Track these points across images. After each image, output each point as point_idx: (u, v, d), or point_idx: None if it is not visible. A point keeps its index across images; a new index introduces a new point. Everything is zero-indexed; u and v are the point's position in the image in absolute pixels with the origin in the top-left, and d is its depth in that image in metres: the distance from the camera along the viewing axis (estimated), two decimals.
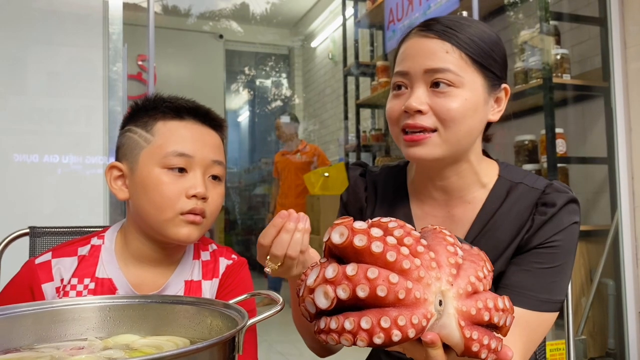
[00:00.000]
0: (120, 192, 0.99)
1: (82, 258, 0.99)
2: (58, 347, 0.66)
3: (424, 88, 0.90)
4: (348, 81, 5.12)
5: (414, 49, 0.92)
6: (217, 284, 1.06)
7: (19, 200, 2.17)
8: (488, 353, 0.59)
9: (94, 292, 0.96)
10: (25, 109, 2.21)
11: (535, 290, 0.89)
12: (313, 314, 0.59)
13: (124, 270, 0.99)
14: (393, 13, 3.79)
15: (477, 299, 0.60)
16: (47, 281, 0.96)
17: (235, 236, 8.45)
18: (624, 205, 2.63)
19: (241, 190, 8.78)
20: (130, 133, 0.99)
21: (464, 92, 0.90)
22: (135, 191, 0.97)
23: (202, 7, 7.16)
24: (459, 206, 0.99)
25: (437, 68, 0.89)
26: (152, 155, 0.95)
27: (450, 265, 0.61)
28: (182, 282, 1.02)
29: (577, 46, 2.97)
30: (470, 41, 0.91)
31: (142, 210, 0.96)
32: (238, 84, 8.93)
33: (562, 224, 0.92)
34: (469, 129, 0.91)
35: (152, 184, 0.94)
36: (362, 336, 0.56)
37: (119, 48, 2.16)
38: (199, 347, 0.50)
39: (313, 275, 0.60)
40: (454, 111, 0.89)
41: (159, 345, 0.68)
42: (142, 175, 0.95)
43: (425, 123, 0.89)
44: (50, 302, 0.71)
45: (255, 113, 9.33)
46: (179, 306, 0.71)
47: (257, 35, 7.52)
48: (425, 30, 0.92)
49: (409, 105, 0.90)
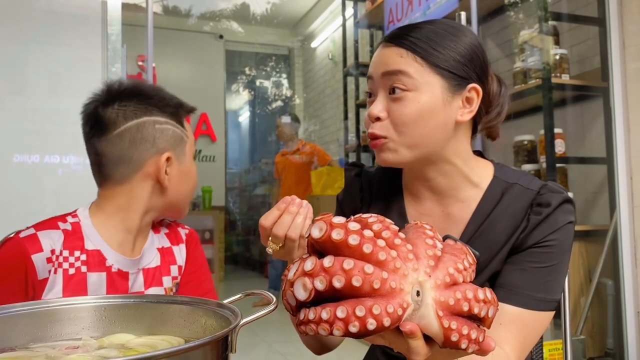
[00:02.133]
0: (165, 180, 1.09)
1: (67, 232, 1.02)
2: (53, 346, 0.67)
3: (384, 94, 0.94)
4: (348, 81, 5.13)
5: (377, 56, 0.97)
6: (185, 248, 1.20)
7: (19, 200, 2.17)
8: (469, 343, 0.60)
9: (86, 264, 1.01)
10: (26, 110, 2.21)
11: (531, 289, 0.90)
12: (294, 307, 0.61)
13: (108, 242, 1.06)
14: (393, 13, 3.79)
15: (456, 290, 0.61)
16: (37, 252, 0.96)
17: (235, 236, 8.46)
18: (622, 205, 2.63)
19: (241, 191, 8.79)
20: (170, 126, 1.09)
21: (419, 95, 0.92)
22: (177, 179, 1.11)
23: (203, 8, 7.17)
24: (453, 205, 1.00)
25: (390, 71, 0.93)
26: (191, 149, 1.14)
27: (429, 257, 0.62)
28: (154, 250, 1.14)
29: (576, 46, 2.97)
30: (427, 45, 0.92)
31: (181, 196, 1.13)
32: (238, 84, 8.94)
33: (557, 224, 0.93)
34: (425, 131, 0.92)
35: (193, 174, 1.14)
36: (338, 325, 0.57)
37: (118, 49, 2.17)
38: (192, 346, 0.51)
39: (293, 269, 0.61)
40: (405, 116, 0.92)
41: (154, 344, 0.68)
42: (187, 165, 1.12)
43: (377, 131, 0.94)
44: (46, 301, 0.71)
45: (256, 113, 9.35)
46: (174, 306, 0.72)
47: (257, 36, 7.53)
48: (387, 40, 0.97)
49: (369, 113, 0.95)
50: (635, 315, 2.58)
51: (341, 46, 5.18)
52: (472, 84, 0.95)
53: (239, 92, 9.19)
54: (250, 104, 9.49)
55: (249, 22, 7.33)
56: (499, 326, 0.87)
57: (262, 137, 8.95)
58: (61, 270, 0.98)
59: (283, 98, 8.30)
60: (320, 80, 7.14)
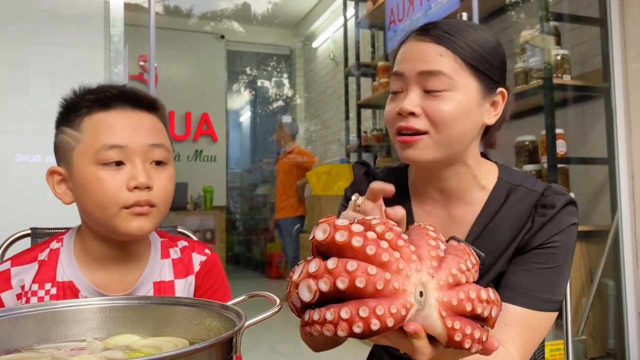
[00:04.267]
0: (65, 196, 0.96)
1: (42, 262, 0.96)
2: (58, 347, 0.67)
3: (418, 91, 0.92)
4: (349, 81, 5.13)
5: (410, 52, 0.94)
6: (193, 280, 1.04)
7: (21, 200, 2.18)
8: (472, 343, 0.60)
9: (56, 297, 0.93)
10: (28, 110, 2.22)
11: (535, 290, 0.91)
12: (299, 308, 0.62)
13: (85, 272, 0.96)
14: (394, 13, 3.79)
15: (459, 290, 0.61)
16: (5, 290, 0.93)
17: (236, 236, 8.47)
18: (624, 206, 2.63)
19: (242, 191, 8.80)
20: (61, 134, 0.96)
21: (457, 95, 0.91)
22: (77, 193, 0.93)
23: (204, 8, 7.17)
24: (459, 207, 1.00)
25: (430, 71, 0.91)
26: (84, 153, 0.91)
27: (432, 258, 0.62)
28: (150, 283, 0.99)
29: (577, 47, 2.97)
30: (466, 45, 0.92)
31: (88, 211, 0.93)
32: (239, 84, 8.95)
33: (561, 225, 0.93)
34: (461, 131, 0.93)
35: (91, 183, 0.90)
36: (342, 326, 0.58)
37: (120, 49, 2.17)
38: (197, 348, 0.51)
39: (298, 271, 0.62)
40: (445, 114, 0.90)
41: (159, 346, 0.69)
42: (79, 176, 0.91)
43: (417, 125, 0.91)
44: (52, 303, 0.71)
45: (257, 113, 9.35)
46: (178, 307, 0.72)
47: (259, 36, 7.54)
48: (422, 34, 0.94)
49: (402, 108, 0.91)
50: (636, 315, 2.58)
51: (342, 46, 5.18)
52: (501, 88, 0.96)
53: (240, 92, 9.19)
54: (252, 104, 9.49)
55: (250, 22, 7.33)
56: (503, 326, 0.88)
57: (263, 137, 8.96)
58: None
59: (284, 98, 8.30)
60: (321, 80, 7.14)
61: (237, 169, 9.18)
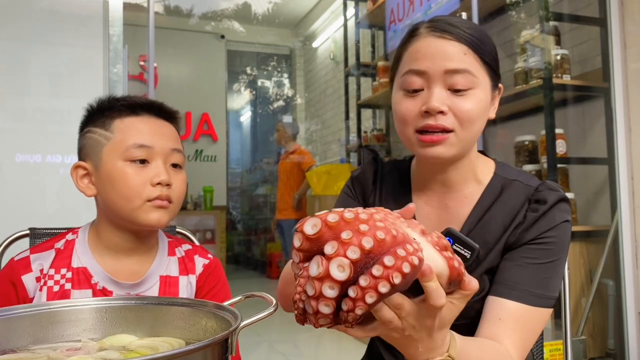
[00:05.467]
0: (88, 189, 1.04)
1: (59, 250, 1.05)
2: (54, 348, 0.67)
3: (443, 89, 0.92)
4: (349, 81, 5.13)
5: (431, 48, 0.93)
6: (195, 281, 1.11)
7: (21, 200, 2.18)
8: (464, 274, 0.67)
9: (71, 281, 1.02)
10: (28, 110, 2.22)
11: (529, 285, 0.91)
12: (333, 312, 0.59)
13: (98, 260, 1.04)
14: (394, 13, 3.79)
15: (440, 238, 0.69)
16: (26, 272, 1.01)
17: (236, 236, 8.46)
18: (623, 206, 2.63)
19: (243, 190, 8.80)
20: (90, 134, 1.04)
21: (479, 93, 0.93)
22: (102, 186, 1.02)
23: (204, 8, 7.17)
24: (456, 199, 1.02)
25: (457, 69, 0.91)
26: (114, 150, 1.01)
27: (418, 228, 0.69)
28: (157, 277, 1.07)
29: (577, 47, 2.97)
30: (481, 42, 0.94)
31: (112, 203, 1.01)
32: (240, 84, 8.94)
33: (554, 221, 0.94)
34: (480, 128, 0.96)
35: (118, 177, 1.00)
36: (382, 283, 0.58)
37: (119, 49, 2.17)
38: (192, 349, 0.51)
39: (313, 269, 0.59)
40: (471, 112, 0.92)
41: (155, 346, 0.69)
42: (107, 170, 1.01)
43: (445, 123, 0.92)
44: (48, 303, 0.71)
45: (257, 113, 9.35)
46: (175, 308, 0.72)
47: (259, 36, 7.54)
48: (439, 31, 0.94)
49: (431, 106, 0.91)
50: (636, 315, 2.58)
51: (342, 46, 5.18)
52: (500, 83, 1.00)
53: (240, 92, 9.18)
54: (252, 103, 9.49)
55: (251, 22, 7.33)
56: (498, 321, 0.88)
57: (264, 137, 8.95)
58: (46, 287, 1.01)
59: (284, 98, 8.30)
60: (321, 80, 7.14)
61: (238, 169, 9.18)
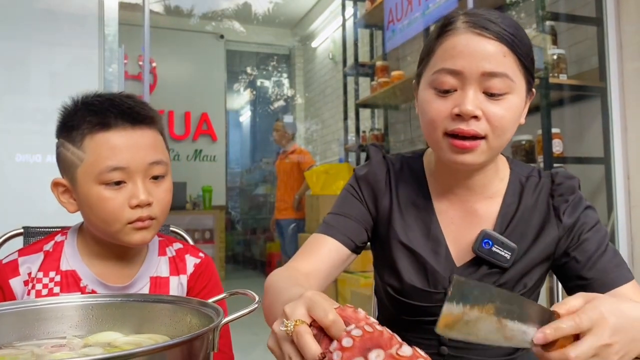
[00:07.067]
0: (70, 205, 1.01)
1: (47, 253, 1.02)
2: (39, 344, 0.68)
3: (478, 91, 0.86)
4: (348, 81, 5.13)
5: (469, 47, 0.86)
6: (186, 281, 1.08)
7: (21, 200, 2.18)
8: None
9: (60, 284, 0.99)
10: (28, 109, 2.22)
11: (615, 268, 0.93)
12: None
13: (87, 263, 1.02)
14: (392, 13, 3.79)
15: None
16: (14, 276, 0.99)
17: (236, 236, 8.47)
18: (619, 205, 2.63)
19: (242, 190, 8.80)
20: (63, 149, 0.99)
21: (514, 99, 0.88)
22: (81, 206, 0.99)
23: (204, 8, 7.17)
24: (481, 201, 0.99)
25: (496, 72, 0.85)
26: (88, 173, 0.95)
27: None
28: (147, 278, 1.05)
29: (573, 46, 2.97)
30: (521, 43, 0.88)
31: (92, 223, 0.99)
32: (239, 84, 8.95)
33: (582, 205, 0.97)
34: (511, 135, 0.91)
35: (95, 202, 0.95)
36: None
37: (115, 49, 2.18)
38: (170, 344, 0.51)
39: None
40: (505, 119, 0.87)
41: (139, 343, 0.69)
42: (83, 193, 0.96)
43: (478, 129, 0.86)
44: (33, 300, 0.72)
45: (257, 113, 9.36)
46: (160, 305, 0.73)
47: (258, 36, 7.54)
48: (478, 28, 0.86)
49: (465, 110, 0.85)
50: None
51: (341, 46, 5.18)
52: (533, 87, 0.94)
53: (239, 92, 9.19)
54: (251, 103, 9.49)
55: (250, 22, 7.34)
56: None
57: (263, 137, 8.95)
58: (34, 291, 0.99)
59: (284, 98, 8.31)
60: (320, 80, 7.14)
61: (237, 169, 9.18)
